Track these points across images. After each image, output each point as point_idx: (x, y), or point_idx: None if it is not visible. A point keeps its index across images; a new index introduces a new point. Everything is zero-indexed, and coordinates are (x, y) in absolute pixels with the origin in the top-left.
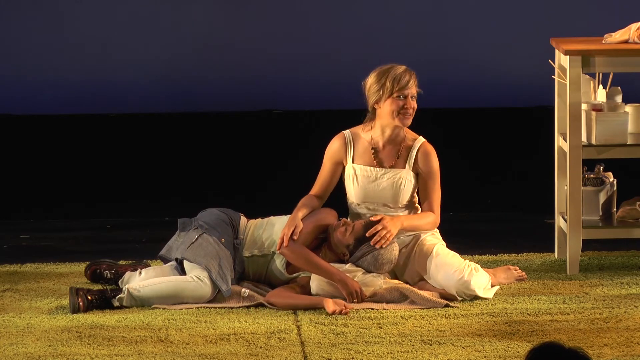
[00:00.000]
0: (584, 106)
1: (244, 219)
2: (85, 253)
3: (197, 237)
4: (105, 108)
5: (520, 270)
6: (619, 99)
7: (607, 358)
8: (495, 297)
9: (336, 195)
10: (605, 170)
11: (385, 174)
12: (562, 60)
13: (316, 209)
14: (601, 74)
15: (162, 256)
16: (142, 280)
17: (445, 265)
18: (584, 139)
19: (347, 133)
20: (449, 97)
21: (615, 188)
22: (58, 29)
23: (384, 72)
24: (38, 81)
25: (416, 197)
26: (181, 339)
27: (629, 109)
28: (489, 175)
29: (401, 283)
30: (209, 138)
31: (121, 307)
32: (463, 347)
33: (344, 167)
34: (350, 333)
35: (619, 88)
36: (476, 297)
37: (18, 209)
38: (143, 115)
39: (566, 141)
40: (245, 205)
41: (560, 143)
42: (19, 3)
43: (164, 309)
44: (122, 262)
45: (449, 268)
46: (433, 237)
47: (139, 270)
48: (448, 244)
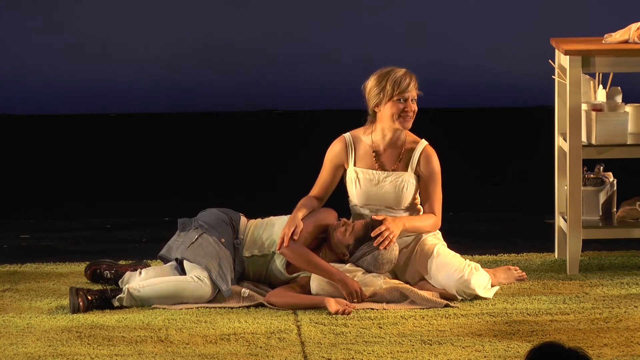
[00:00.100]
0: (584, 106)
1: (244, 219)
2: (85, 253)
3: (197, 237)
4: (105, 108)
5: (520, 270)
6: (619, 99)
7: (607, 358)
8: (495, 297)
9: (336, 195)
10: (605, 170)
11: (387, 177)
12: (562, 60)
13: (316, 209)
14: (601, 74)
15: (162, 256)
16: (142, 280)
17: (446, 265)
18: (584, 139)
19: (347, 136)
20: (449, 97)
21: (615, 188)
22: (58, 29)
23: (384, 75)
24: (38, 81)
25: (418, 198)
26: (181, 339)
27: (629, 109)
28: (489, 175)
29: (401, 283)
30: (209, 138)
31: (121, 307)
32: (463, 347)
33: (344, 170)
34: (350, 333)
35: (619, 88)
36: (476, 297)
37: (18, 209)
38: (143, 115)
39: (566, 141)
40: (245, 205)
41: (560, 143)
42: (19, 3)
43: (164, 309)
44: (122, 262)
45: (449, 268)
46: (434, 237)
47: (139, 270)
48: (448, 244)
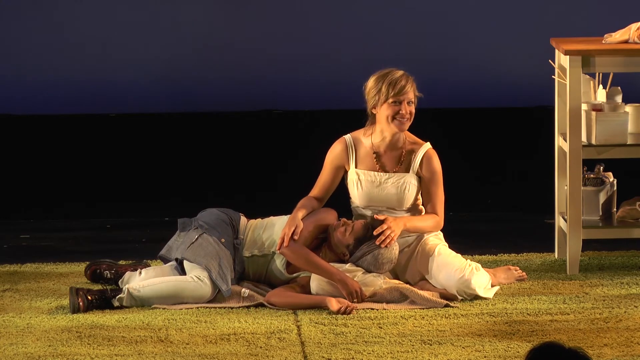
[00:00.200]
0: (584, 106)
1: (244, 219)
2: (85, 253)
3: (197, 237)
4: (105, 108)
5: (520, 270)
6: (619, 99)
7: (607, 358)
8: (495, 297)
9: (337, 195)
10: (605, 170)
11: (389, 178)
12: (562, 60)
13: (316, 210)
14: (601, 74)
15: (162, 256)
16: (142, 280)
17: (446, 265)
18: (584, 139)
19: (348, 138)
20: (449, 97)
21: (615, 188)
22: (58, 29)
23: (381, 77)
24: (38, 81)
25: (420, 199)
26: (181, 339)
27: (629, 109)
28: (489, 175)
29: (401, 283)
30: (209, 138)
31: (121, 307)
32: (463, 347)
33: (345, 171)
34: (350, 333)
35: (619, 88)
36: (476, 297)
37: (18, 209)
38: (143, 115)
39: (566, 141)
40: (245, 205)
41: (560, 143)
42: (19, 3)
43: (164, 309)
44: (122, 262)
45: (450, 267)
46: (436, 237)
47: (139, 270)
48: (449, 244)
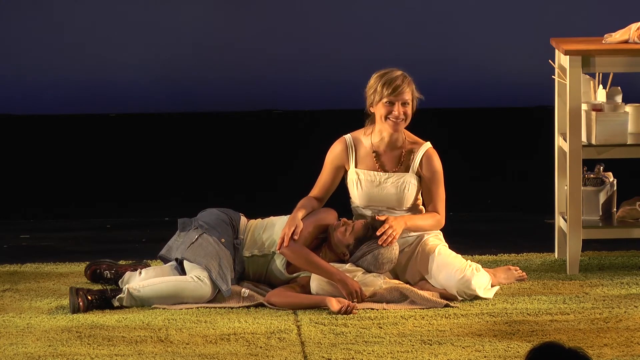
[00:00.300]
0: (584, 106)
1: (244, 219)
2: (85, 253)
3: (197, 237)
4: (105, 108)
5: (520, 270)
6: (619, 99)
7: (607, 358)
8: (495, 297)
9: (337, 195)
10: (605, 170)
11: (389, 178)
12: (562, 60)
13: (316, 209)
14: (601, 74)
15: (162, 256)
16: (142, 280)
17: (446, 265)
18: (584, 139)
19: (348, 137)
20: (449, 97)
21: (615, 188)
22: (58, 29)
23: (380, 76)
24: (38, 81)
25: (420, 199)
26: (181, 339)
27: (629, 109)
28: (489, 175)
29: (401, 283)
30: (209, 138)
31: (121, 307)
32: (463, 347)
33: (345, 171)
34: (350, 333)
35: (619, 88)
36: (476, 297)
37: (18, 209)
38: (143, 115)
39: (566, 141)
40: (245, 205)
41: (560, 143)
42: (19, 3)
43: (164, 309)
44: (122, 262)
45: (450, 268)
46: (436, 238)
47: (139, 270)
48: (448, 244)
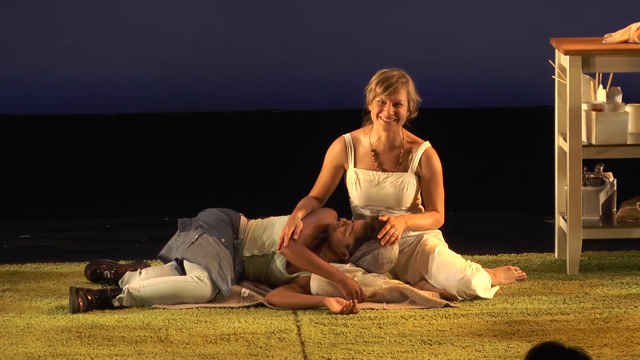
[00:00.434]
0: (584, 106)
1: (244, 219)
2: (85, 253)
3: (197, 237)
4: (105, 108)
5: (521, 270)
6: (619, 99)
7: (607, 358)
8: (495, 297)
9: (337, 195)
10: (605, 170)
11: (387, 177)
12: (562, 60)
13: (316, 210)
14: (601, 74)
15: (162, 256)
16: (142, 280)
17: (446, 265)
18: (584, 139)
19: (347, 137)
20: (449, 97)
21: (615, 188)
22: (58, 29)
23: (378, 75)
24: (38, 81)
25: (420, 198)
26: (181, 339)
27: (629, 109)
28: (489, 175)
29: (401, 283)
30: (209, 138)
31: (121, 307)
32: (463, 347)
33: (344, 170)
34: (350, 333)
35: (619, 88)
36: (476, 297)
37: (18, 209)
38: (143, 115)
39: (566, 141)
40: (245, 205)
41: (560, 143)
42: (19, 3)
43: (164, 309)
44: (122, 262)
45: (450, 268)
46: (435, 238)
47: (139, 270)
48: (448, 244)
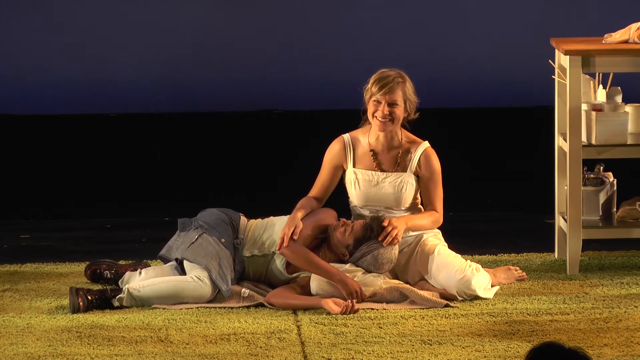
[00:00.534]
0: (584, 106)
1: (244, 219)
2: (85, 253)
3: (197, 237)
4: (105, 108)
5: (521, 270)
6: (619, 99)
7: (607, 358)
8: (495, 297)
9: (337, 195)
10: (605, 170)
11: (386, 177)
12: (562, 60)
13: (315, 210)
14: (601, 74)
15: (162, 256)
16: (142, 280)
17: (446, 265)
18: (584, 139)
19: (346, 137)
20: (449, 97)
21: (615, 188)
22: (58, 29)
23: (376, 74)
24: (38, 81)
25: (419, 199)
26: (181, 339)
27: (629, 109)
28: (489, 175)
29: (401, 283)
30: (209, 138)
31: (121, 307)
32: (463, 347)
33: (344, 170)
34: (350, 333)
35: (619, 88)
36: (476, 297)
37: (18, 209)
38: (143, 115)
39: (566, 141)
40: (245, 205)
41: (560, 143)
42: (19, 3)
43: (164, 309)
44: (122, 262)
45: (450, 268)
46: (435, 238)
47: (139, 270)
48: (448, 244)
